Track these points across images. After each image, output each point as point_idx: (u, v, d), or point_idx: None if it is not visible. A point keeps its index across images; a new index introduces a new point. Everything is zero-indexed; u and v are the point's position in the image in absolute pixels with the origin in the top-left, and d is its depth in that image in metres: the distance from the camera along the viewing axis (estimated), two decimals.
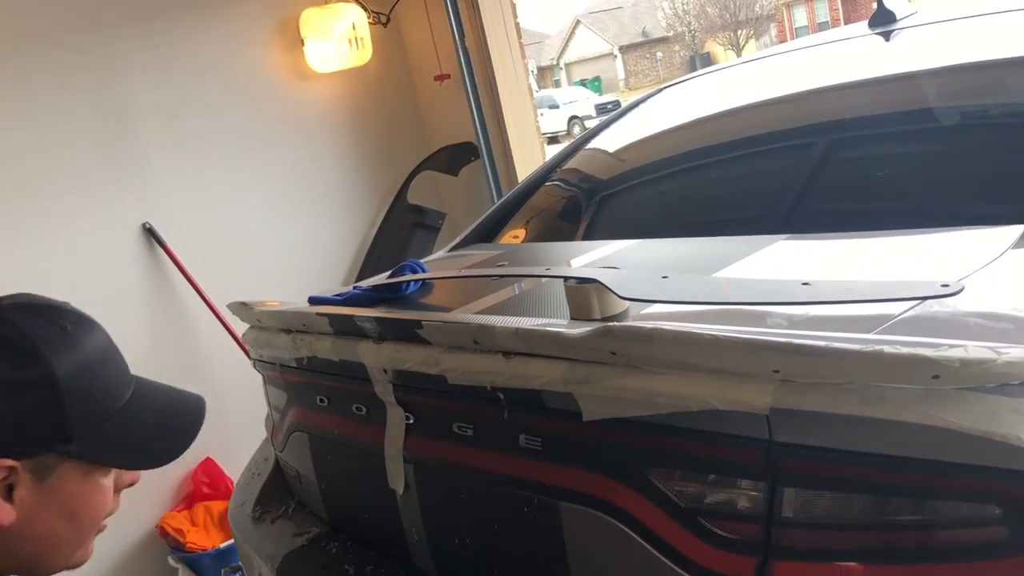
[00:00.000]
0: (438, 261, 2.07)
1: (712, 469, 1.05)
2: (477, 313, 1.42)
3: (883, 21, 2.14)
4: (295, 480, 1.80)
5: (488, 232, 2.32)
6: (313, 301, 1.73)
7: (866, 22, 2.21)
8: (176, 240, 3.26)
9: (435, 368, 1.27)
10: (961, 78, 1.79)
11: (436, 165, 3.81)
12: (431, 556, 1.41)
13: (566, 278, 1.29)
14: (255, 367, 1.89)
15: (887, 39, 2.13)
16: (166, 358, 3.28)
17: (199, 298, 3.30)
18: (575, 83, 40.62)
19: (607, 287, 1.21)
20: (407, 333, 1.31)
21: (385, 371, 1.38)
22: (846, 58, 2.16)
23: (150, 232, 3.22)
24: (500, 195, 3.60)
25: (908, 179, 1.64)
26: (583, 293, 1.25)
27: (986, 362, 0.86)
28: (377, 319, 1.37)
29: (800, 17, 39.13)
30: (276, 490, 1.87)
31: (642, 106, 2.69)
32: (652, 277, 1.25)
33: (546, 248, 2.06)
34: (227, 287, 3.32)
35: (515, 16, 3.65)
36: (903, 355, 0.88)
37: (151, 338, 3.26)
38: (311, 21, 3.54)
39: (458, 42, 3.56)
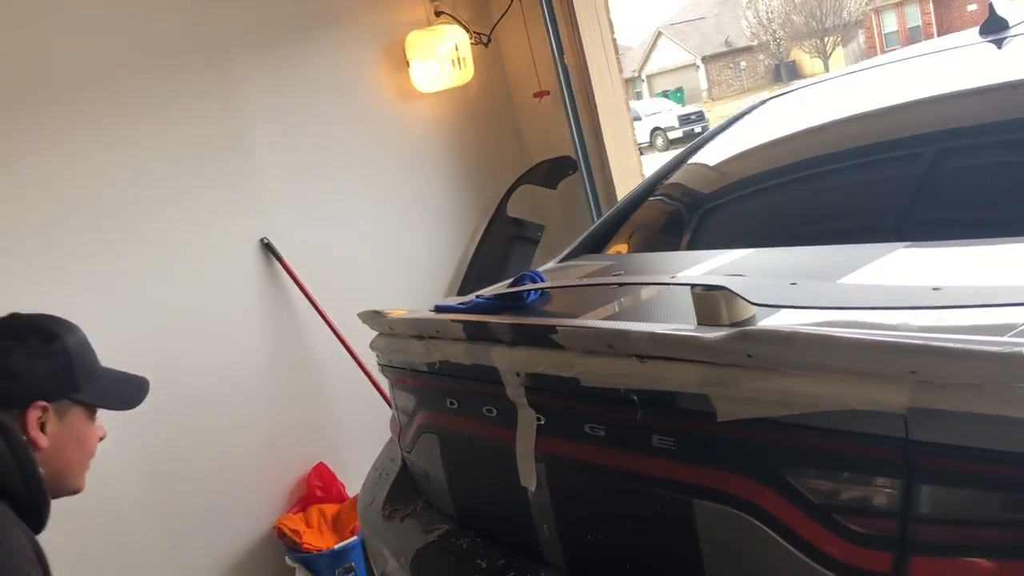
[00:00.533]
0: (552, 271, 2.15)
1: (848, 467, 1.09)
2: (604, 320, 1.49)
3: (995, 28, 2.13)
4: (423, 479, 1.89)
5: (596, 243, 2.39)
6: (439, 309, 1.83)
7: (976, 29, 2.21)
8: (291, 254, 3.42)
9: (569, 371, 1.34)
10: None
11: (535, 179, 3.90)
12: (562, 551, 1.48)
13: (694, 285, 1.34)
14: (382, 372, 1.99)
15: (999, 47, 2.12)
16: (282, 365, 3.44)
17: (313, 309, 3.45)
18: (657, 95, 40.36)
19: (737, 294, 1.26)
20: (541, 338, 1.39)
21: (518, 374, 1.46)
22: (958, 66, 2.16)
23: (268, 247, 3.39)
24: (599, 207, 3.67)
25: None
26: (711, 300, 1.30)
27: None
28: (512, 325, 1.45)
29: (890, 23, 38.11)
30: (404, 489, 1.97)
31: (746, 118, 2.72)
32: (780, 283, 1.30)
33: (659, 258, 2.11)
34: (338, 298, 3.48)
35: (612, 32, 3.73)
36: None
37: (268, 346, 3.43)
38: (416, 43, 3.68)
39: (557, 59, 3.65)
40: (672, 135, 26.66)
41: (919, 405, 0.98)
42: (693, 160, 2.65)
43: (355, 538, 3.32)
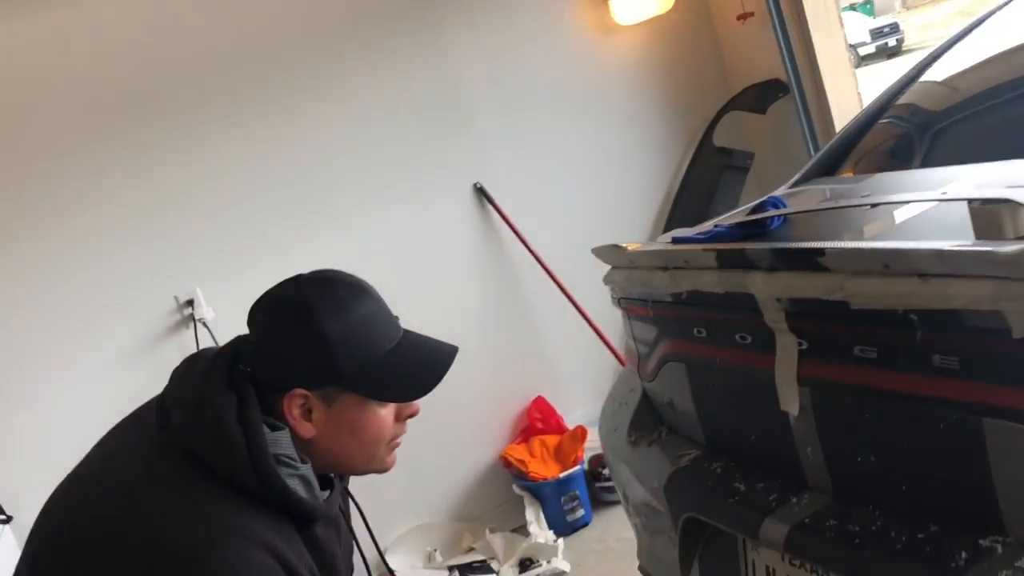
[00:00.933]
0: (789, 196, 2.10)
1: None
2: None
3: None
4: (667, 408, 1.93)
5: (828, 167, 2.31)
6: (677, 240, 1.83)
7: None
8: (503, 197, 3.53)
9: (837, 294, 1.32)
10: None
11: (743, 105, 3.80)
12: (828, 475, 1.47)
13: (971, 200, 1.28)
14: (617, 305, 2.03)
15: None
16: (498, 306, 3.58)
17: (525, 249, 3.55)
18: (844, 8, 37.82)
19: None
20: (806, 261, 1.37)
21: (778, 300, 1.45)
22: None
23: (481, 191, 3.51)
24: (813, 131, 3.52)
25: None
26: (993, 213, 1.24)
27: None
28: (773, 250, 1.43)
29: None
30: (646, 418, 2.01)
31: (984, 24, 2.51)
32: None
33: (906, 176, 2.02)
34: (548, 238, 3.56)
35: None
36: None
37: (485, 288, 3.58)
38: None
39: None
40: (863, 51, 24.85)
41: None
42: (924, 77, 2.49)
43: (578, 467, 3.43)
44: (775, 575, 1.55)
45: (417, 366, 1.34)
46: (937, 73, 2.46)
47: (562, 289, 3.56)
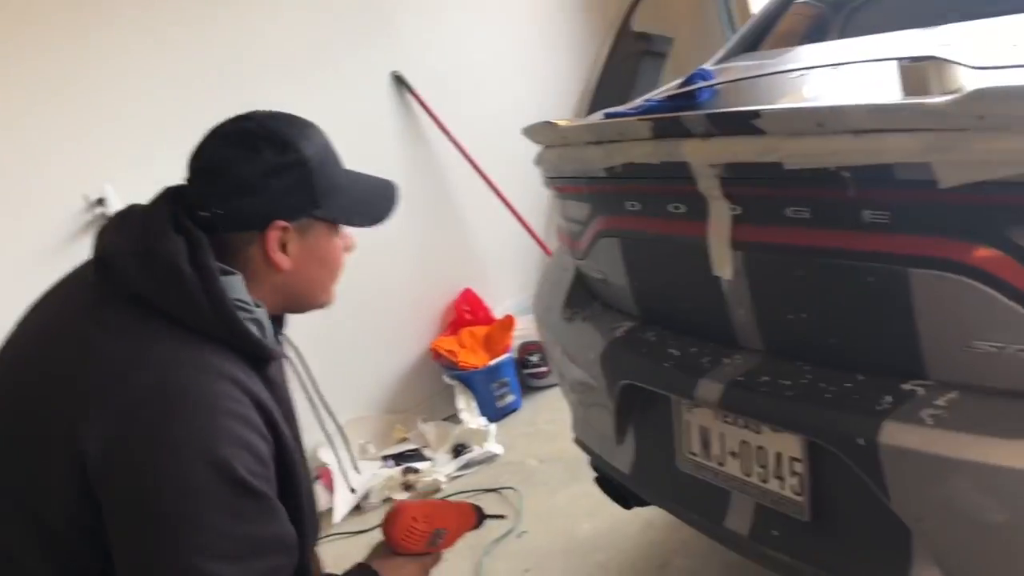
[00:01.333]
0: (718, 70, 2.11)
1: None
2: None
3: None
4: (601, 283, 1.96)
5: (750, 45, 2.33)
6: (610, 115, 1.84)
7: None
8: (423, 86, 3.45)
9: (772, 156, 1.35)
10: None
11: None
12: (760, 334, 1.53)
13: (900, 59, 1.31)
14: (549, 185, 2.04)
15: None
16: (421, 198, 3.54)
17: (447, 140, 3.50)
18: None
19: (951, 61, 1.23)
20: (741, 125, 1.39)
21: (712, 166, 1.47)
22: None
23: (399, 80, 3.42)
24: (731, 14, 3.53)
25: None
26: (919, 71, 1.27)
27: None
28: (708, 115, 1.45)
29: None
30: (580, 294, 2.05)
31: None
32: (998, 44, 1.26)
33: (830, 46, 2.05)
34: (471, 127, 3.51)
35: None
36: None
37: (406, 180, 3.46)
38: None
39: None
40: None
41: None
42: None
43: (507, 355, 3.49)
44: (709, 434, 1.63)
45: (372, 192, 1.44)
46: None
47: (486, 179, 3.54)
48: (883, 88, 1.34)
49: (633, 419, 1.86)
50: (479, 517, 1.63)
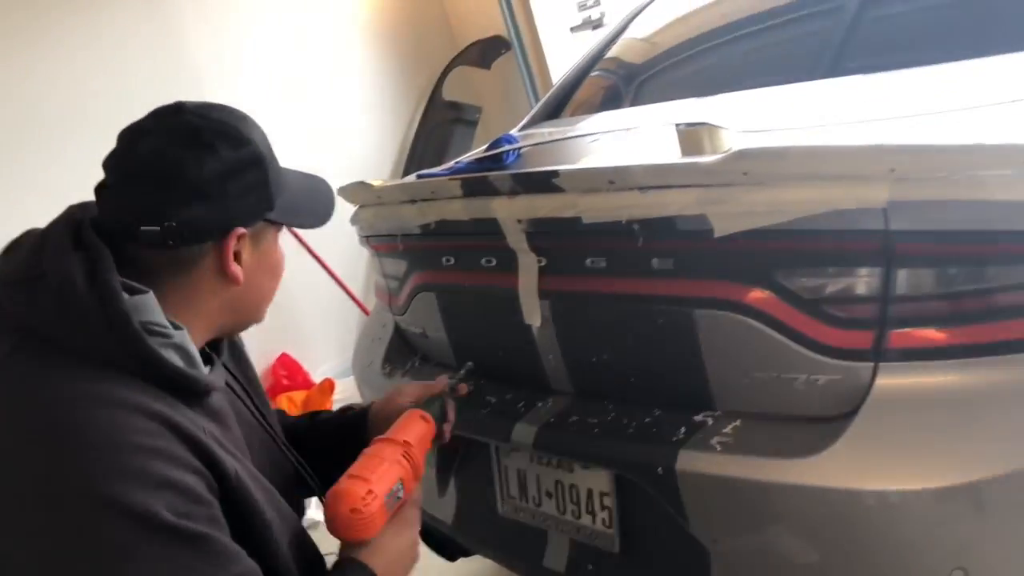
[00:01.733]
0: (523, 135, 2.25)
1: (833, 262, 1.26)
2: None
3: None
4: (419, 337, 2.01)
5: (551, 112, 2.50)
6: (422, 176, 1.92)
7: None
8: None
9: (571, 211, 1.47)
10: None
11: (468, 60, 3.94)
12: (569, 377, 1.63)
13: (678, 124, 1.48)
14: (366, 244, 2.09)
15: None
16: None
17: None
18: None
19: (720, 126, 1.40)
20: (543, 184, 1.50)
21: (519, 221, 1.57)
22: None
23: None
24: (534, 85, 3.74)
25: (962, 14, 1.79)
26: (695, 135, 1.44)
27: None
28: (514, 175, 1.55)
29: None
30: (399, 350, 2.09)
31: None
32: (758, 112, 1.44)
33: (621, 113, 2.23)
34: None
35: None
36: (1002, 144, 1.09)
37: None
38: None
39: None
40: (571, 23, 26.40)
41: (898, 198, 1.15)
42: (625, 36, 2.75)
43: None
44: (526, 476, 1.70)
45: (310, 187, 1.27)
46: (637, 31, 2.74)
47: (301, 241, 3.53)
48: (665, 149, 1.50)
49: (454, 469, 1.91)
50: (436, 415, 1.37)
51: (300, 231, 3.50)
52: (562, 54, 3.83)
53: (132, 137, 1.09)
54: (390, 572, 1.17)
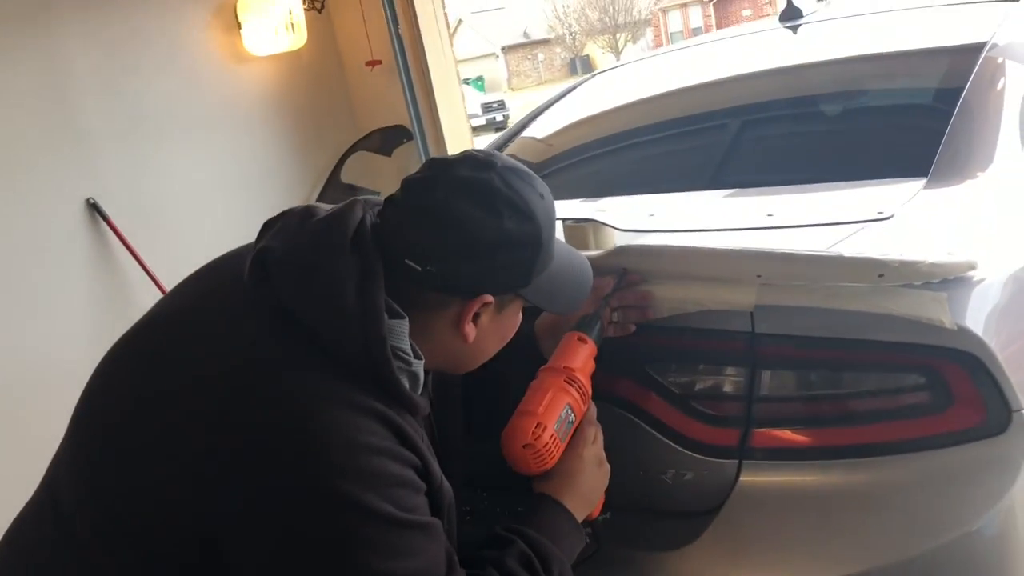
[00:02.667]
0: None
1: (703, 360, 1.31)
2: None
3: (792, 16, 2.47)
4: None
5: None
6: None
7: (777, 17, 2.54)
8: (120, 215, 3.32)
9: None
10: (864, 65, 2.12)
11: (369, 146, 3.99)
12: None
13: (565, 219, 1.53)
14: None
15: (795, 32, 2.47)
16: (110, 329, 3.33)
17: (144, 273, 3.37)
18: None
19: (605, 223, 1.46)
20: None
21: None
22: (762, 47, 2.48)
23: (94, 207, 3.27)
24: None
25: (825, 148, 1.95)
26: (580, 231, 1.49)
27: (917, 264, 1.16)
28: None
29: (675, 22, 40.68)
30: None
31: (569, 95, 2.94)
32: (640, 215, 1.51)
33: None
34: (171, 263, 3.41)
35: (444, 6, 3.87)
36: (857, 258, 1.17)
37: (96, 312, 3.32)
38: (249, 5, 3.66)
39: (392, 29, 3.76)
40: (475, 123, 26.98)
41: (763, 303, 1.22)
42: (524, 134, 2.85)
43: None
44: None
45: (574, 271, 1.24)
46: (536, 131, 2.84)
47: None
48: None
49: None
50: (594, 334, 1.29)
51: None
52: (464, 146, 3.91)
53: (437, 173, 1.11)
54: (581, 495, 1.21)
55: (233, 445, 0.97)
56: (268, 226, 1.13)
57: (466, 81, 40.63)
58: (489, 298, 1.11)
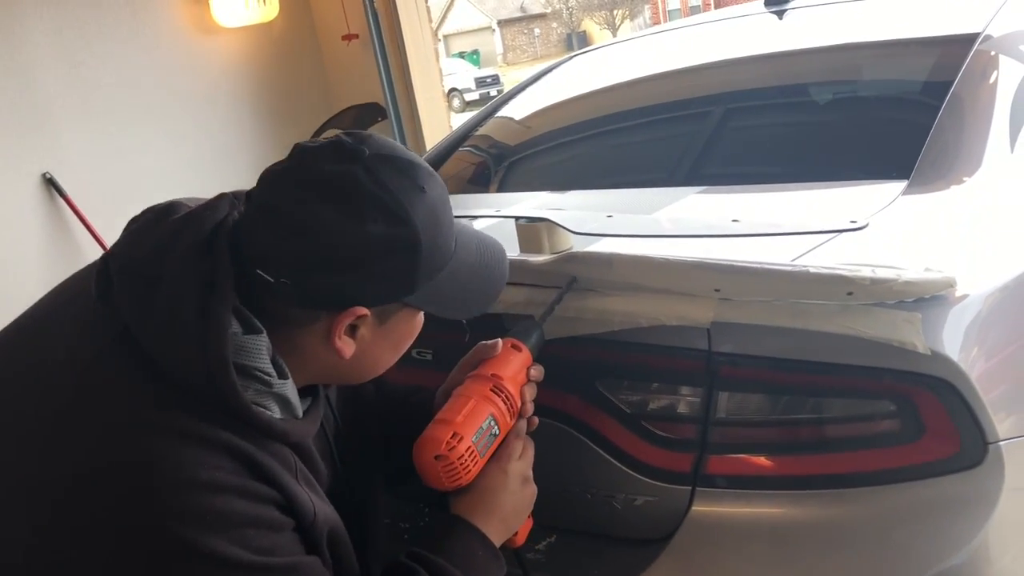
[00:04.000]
0: None
1: (656, 378, 1.21)
2: None
3: (777, 1, 2.35)
4: None
5: None
6: None
7: (762, 1, 2.42)
8: (78, 191, 3.20)
9: None
10: (849, 55, 2.01)
11: (342, 124, 3.86)
12: None
13: (517, 217, 1.41)
14: None
15: (780, 18, 2.34)
16: None
17: (101, 250, 3.25)
18: (453, 55, 40.47)
19: (558, 224, 1.34)
20: None
21: None
22: (746, 33, 2.36)
23: (51, 182, 3.15)
24: None
25: (803, 142, 1.84)
26: (534, 230, 1.38)
27: (889, 281, 1.05)
28: None
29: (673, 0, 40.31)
30: None
31: (550, 74, 2.83)
32: (597, 216, 1.40)
33: (475, 198, 2.17)
34: None
35: None
36: (824, 274, 1.06)
37: (47, 286, 3.20)
38: None
39: (367, 2, 3.62)
40: (468, 97, 26.86)
41: (722, 320, 1.11)
42: (501, 113, 2.73)
43: None
44: None
45: (478, 271, 1.08)
46: (514, 111, 2.72)
47: None
48: (507, 243, 1.43)
49: None
50: (530, 342, 1.18)
51: None
52: (440, 125, 3.79)
53: (294, 164, 0.96)
54: (501, 517, 1.09)
55: (61, 486, 0.85)
56: (128, 226, 1.00)
57: (461, 54, 40.40)
58: (362, 310, 0.96)
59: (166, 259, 0.91)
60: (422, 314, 1.05)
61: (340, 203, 0.91)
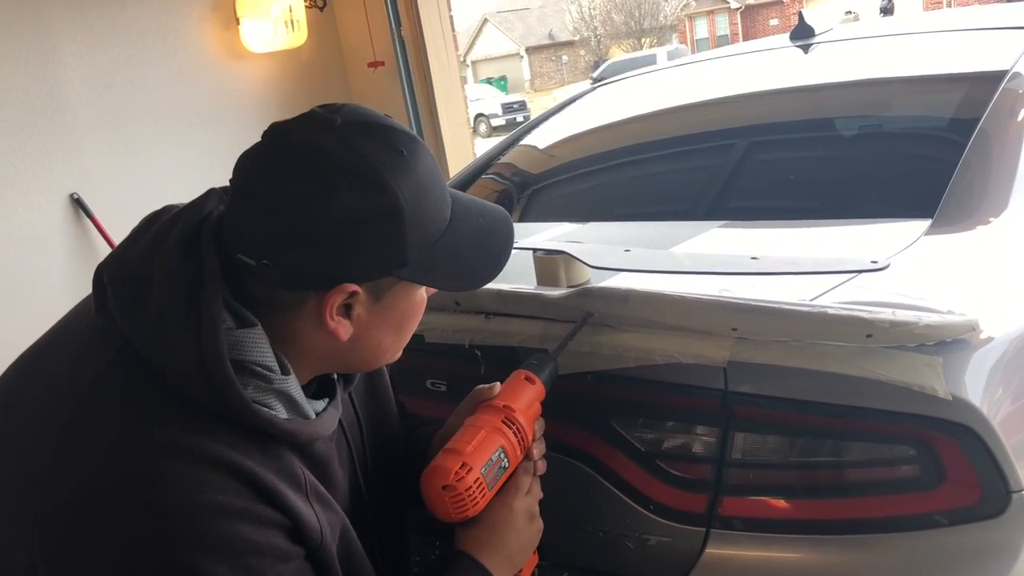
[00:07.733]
0: None
1: (671, 416, 1.19)
2: None
3: (803, 35, 2.34)
4: None
5: None
6: None
7: (788, 35, 2.42)
8: (104, 211, 3.24)
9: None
10: (874, 90, 1.99)
11: None
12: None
13: (535, 249, 1.41)
14: None
15: (806, 52, 2.34)
16: None
17: None
18: (481, 81, 40.76)
19: (576, 257, 1.34)
20: None
21: None
22: (771, 67, 2.36)
23: (78, 203, 3.19)
24: None
25: (827, 178, 1.83)
26: (551, 263, 1.37)
27: (910, 324, 1.03)
28: None
29: (701, 29, 40.41)
30: None
31: (575, 103, 2.83)
32: (615, 250, 1.39)
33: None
34: None
35: (449, 9, 3.77)
36: (843, 315, 1.05)
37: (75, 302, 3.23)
38: (248, 1, 3.57)
39: (394, 30, 3.65)
40: (495, 122, 26.99)
41: (738, 359, 1.09)
42: (525, 141, 2.74)
43: None
44: None
45: (480, 239, 1.03)
46: (538, 140, 2.72)
47: None
48: (525, 275, 1.43)
49: None
50: (543, 375, 1.15)
51: None
52: (464, 151, 3.81)
53: (265, 142, 0.93)
54: (506, 553, 1.07)
55: (63, 512, 0.84)
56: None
57: (489, 80, 40.65)
58: (352, 287, 0.92)
59: (155, 259, 0.90)
60: (423, 290, 1.01)
61: (309, 174, 0.88)
